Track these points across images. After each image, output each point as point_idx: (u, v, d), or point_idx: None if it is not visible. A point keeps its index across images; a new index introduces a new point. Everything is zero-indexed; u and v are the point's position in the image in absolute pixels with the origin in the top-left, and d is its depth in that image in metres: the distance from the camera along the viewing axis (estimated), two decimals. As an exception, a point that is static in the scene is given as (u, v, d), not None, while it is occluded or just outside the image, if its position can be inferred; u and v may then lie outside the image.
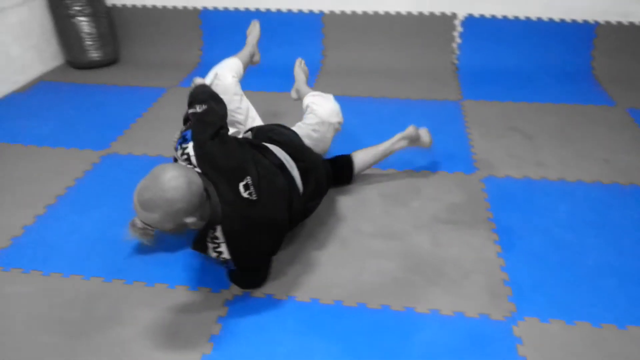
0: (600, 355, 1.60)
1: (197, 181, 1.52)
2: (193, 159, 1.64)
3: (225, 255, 1.63)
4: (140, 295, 1.81)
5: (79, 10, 3.69)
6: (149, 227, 1.86)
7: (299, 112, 2.44)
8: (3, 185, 2.44)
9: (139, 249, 2.02)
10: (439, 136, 2.86)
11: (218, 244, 1.61)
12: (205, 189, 1.56)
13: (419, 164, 2.60)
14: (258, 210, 1.61)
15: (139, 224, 1.87)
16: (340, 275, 1.91)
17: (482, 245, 2.06)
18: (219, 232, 1.58)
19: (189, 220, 1.51)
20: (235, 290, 1.83)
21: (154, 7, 3.96)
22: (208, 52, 3.95)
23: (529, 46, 3.75)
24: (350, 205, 2.30)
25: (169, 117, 3.08)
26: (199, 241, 1.63)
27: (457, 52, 3.80)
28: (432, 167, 2.58)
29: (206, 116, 1.76)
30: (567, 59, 3.73)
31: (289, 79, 2.77)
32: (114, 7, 3.98)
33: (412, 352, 1.61)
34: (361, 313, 1.74)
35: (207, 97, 1.86)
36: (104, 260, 1.97)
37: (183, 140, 1.70)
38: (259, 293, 1.82)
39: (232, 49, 3.96)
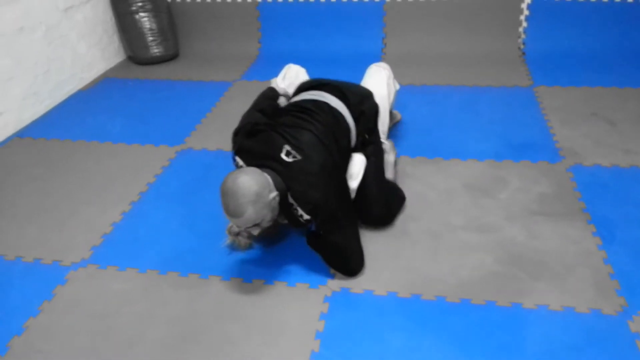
0: None
1: (251, 168, 1.70)
2: (239, 161, 1.89)
3: (305, 215, 1.73)
4: (239, 292, 1.81)
5: (141, 6, 3.71)
6: (246, 232, 1.85)
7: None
8: (88, 183, 2.48)
9: (222, 248, 2.01)
10: (516, 124, 2.78)
11: (296, 209, 1.74)
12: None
13: (499, 154, 2.52)
14: (307, 164, 1.75)
15: (236, 229, 1.87)
16: (437, 270, 1.86)
17: (581, 237, 1.98)
18: (290, 199, 1.73)
19: (272, 195, 1.64)
20: (333, 285, 1.81)
21: (213, 1, 3.95)
22: (266, 44, 3.93)
23: (600, 28, 3.59)
24: (436, 197, 2.25)
25: (238, 110, 3.03)
26: (292, 219, 1.79)
27: (524, 36, 3.67)
28: (514, 157, 2.50)
29: (240, 123, 2.10)
30: (641, 40, 3.56)
31: (349, 69, 2.87)
32: (174, 2, 3.99)
33: (527, 349, 1.55)
34: (466, 309, 1.69)
35: (252, 104, 2.30)
36: (196, 257, 1.98)
37: None
38: (357, 289, 1.79)
39: (290, 41, 3.96)
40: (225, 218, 1.67)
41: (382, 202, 2.03)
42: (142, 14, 3.74)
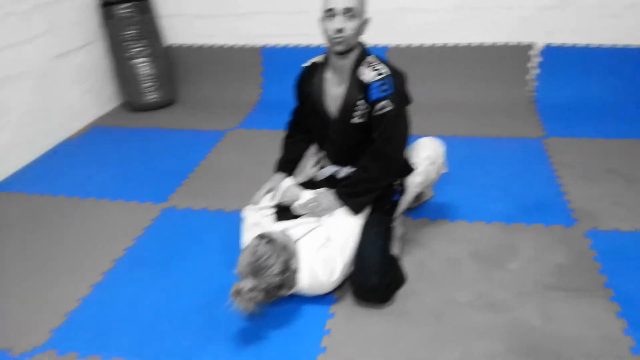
0: None
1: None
2: None
3: (381, 72, 1.80)
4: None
5: (139, 52, 3.61)
6: (258, 291, 1.64)
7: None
8: (61, 248, 2.29)
9: (206, 327, 1.80)
10: (526, 181, 2.58)
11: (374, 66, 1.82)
12: None
13: (509, 215, 2.31)
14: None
15: (247, 288, 1.63)
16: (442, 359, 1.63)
17: (603, 319, 1.75)
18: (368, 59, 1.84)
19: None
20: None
21: (213, 46, 3.85)
22: (268, 90, 3.79)
23: (614, 76, 3.41)
24: (439, 267, 2.03)
25: (228, 165, 2.90)
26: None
27: (535, 83, 3.50)
28: (525, 219, 2.28)
29: None
30: (658, 88, 3.37)
31: None
32: (172, 47, 3.89)
33: None
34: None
35: None
36: (171, 343, 1.75)
37: None
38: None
39: (291, 88, 3.81)
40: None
41: (383, 273, 1.82)
42: (139, 60, 3.63)
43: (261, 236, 1.72)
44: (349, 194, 1.90)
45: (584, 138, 2.98)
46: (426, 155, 2.09)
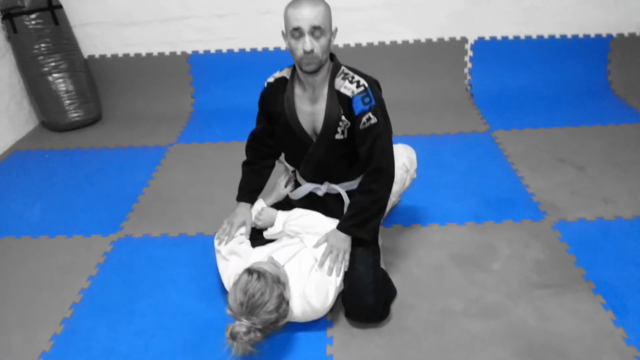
0: None
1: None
2: None
3: (355, 89, 1.70)
4: None
5: (54, 67, 3.28)
6: (255, 331, 1.50)
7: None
8: (4, 299, 2.00)
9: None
10: (486, 176, 2.62)
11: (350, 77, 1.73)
12: None
13: (478, 214, 2.32)
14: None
15: (243, 331, 1.49)
16: (451, 375, 1.58)
17: (592, 312, 1.79)
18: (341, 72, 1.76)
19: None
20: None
21: (137, 55, 3.57)
22: (200, 100, 3.59)
23: (543, 66, 3.56)
24: (424, 275, 1.99)
25: (181, 182, 2.70)
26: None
27: (469, 77, 3.58)
28: (494, 217, 2.31)
29: None
30: (583, 76, 3.56)
31: None
32: (92, 58, 3.56)
33: None
34: None
35: None
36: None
37: None
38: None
39: (226, 94, 3.64)
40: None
41: (378, 292, 1.74)
42: (56, 75, 3.30)
43: (249, 271, 1.58)
44: (359, 224, 1.78)
45: (527, 129, 3.07)
46: (401, 163, 2.03)
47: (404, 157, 2.06)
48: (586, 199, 2.40)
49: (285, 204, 2.03)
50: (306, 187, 1.95)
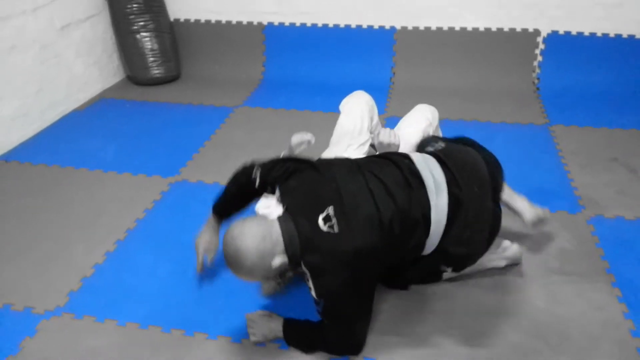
0: None
1: (259, 223, 1.44)
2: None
3: (313, 292, 1.45)
4: (227, 354, 1.62)
5: (143, 26, 3.58)
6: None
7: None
8: (73, 217, 2.31)
9: (221, 297, 1.84)
10: (532, 166, 2.62)
11: (307, 279, 1.46)
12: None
13: (515, 200, 2.35)
14: (340, 243, 1.42)
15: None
16: (451, 339, 1.68)
17: (605, 303, 1.80)
18: (303, 267, 1.46)
19: (276, 262, 1.42)
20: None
21: (217, 22, 3.82)
22: (271, 69, 3.79)
23: (619, 66, 3.43)
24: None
25: (239, 140, 2.92)
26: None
27: (538, 70, 3.53)
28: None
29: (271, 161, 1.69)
30: (661, 79, 3.41)
31: None
32: (177, 22, 3.86)
33: None
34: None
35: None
36: (183, 309, 1.80)
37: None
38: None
39: (295, 66, 3.82)
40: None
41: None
42: (143, 34, 3.61)
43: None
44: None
45: (587, 127, 3.01)
46: (424, 116, 2.13)
47: (427, 112, 2.16)
48: (630, 199, 2.36)
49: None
50: None
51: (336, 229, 1.42)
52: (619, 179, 2.51)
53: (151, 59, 3.64)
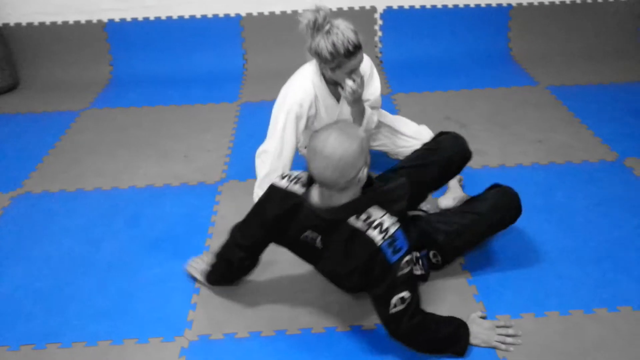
0: (575, 342, 1.58)
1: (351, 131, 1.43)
2: None
3: (384, 224, 1.42)
4: (84, 358, 1.60)
5: (-34, 34, 3.30)
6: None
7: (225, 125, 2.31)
8: None
9: (68, 303, 1.79)
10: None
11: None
12: None
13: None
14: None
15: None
16: (303, 301, 1.78)
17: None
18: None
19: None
20: (191, 335, 1.65)
21: (53, 24, 3.62)
22: (118, 68, 3.67)
23: (448, 34, 3.77)
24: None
25: (87, 144, 2.81)
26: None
27: (380, 45, 3.76)
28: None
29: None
30: (486, 43, 3.79)
31: (210, 88, 3.05)
32: (7, 26, 3.59)
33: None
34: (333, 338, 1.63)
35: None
36: (33, 323, 1.72)
37: None
38: (217, 334, 1.66)
39: (144, 62, 3.72)
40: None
41: None
42: (-31, 42, 3.32)
43: None
44: None
45: (425, 92, 3.29)
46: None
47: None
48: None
49: None
50: None
51: None
52: (451, 135, 2.76)
53: (-18, 68, 3.37)
